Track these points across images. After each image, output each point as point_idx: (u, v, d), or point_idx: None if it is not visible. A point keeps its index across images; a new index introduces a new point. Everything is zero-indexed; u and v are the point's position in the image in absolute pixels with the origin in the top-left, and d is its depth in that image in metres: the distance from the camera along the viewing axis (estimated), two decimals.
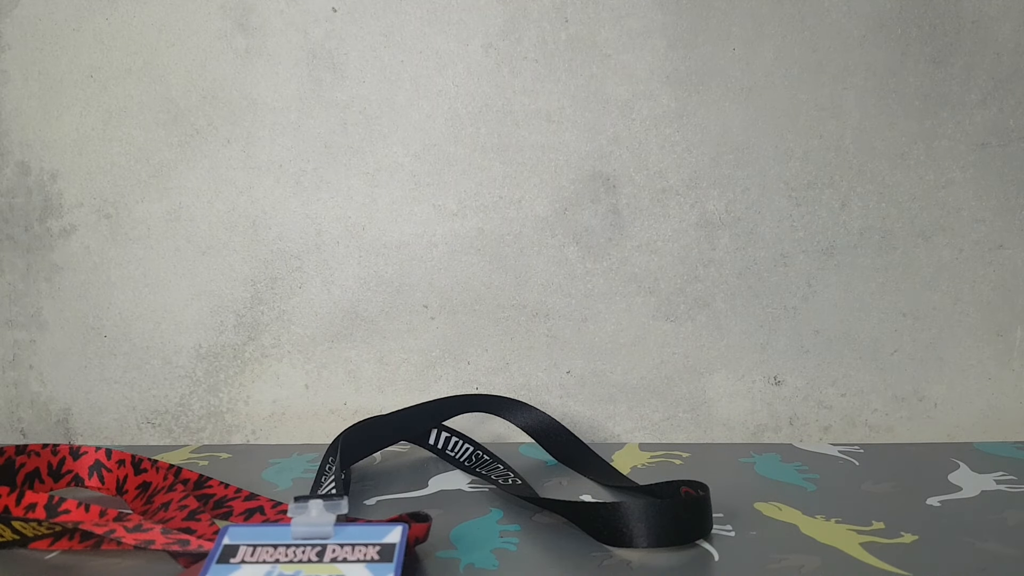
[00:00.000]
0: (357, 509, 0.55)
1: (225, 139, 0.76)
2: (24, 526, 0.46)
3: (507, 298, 0.76)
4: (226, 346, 0.77)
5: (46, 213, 0.77)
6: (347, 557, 0.40)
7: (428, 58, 0.75)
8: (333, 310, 0.76)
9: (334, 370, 0.77)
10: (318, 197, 0.76)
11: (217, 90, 0.75)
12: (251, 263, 0.76)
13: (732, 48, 0.74)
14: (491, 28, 0.74)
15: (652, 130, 0.74)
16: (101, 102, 0.76)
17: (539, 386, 0.76)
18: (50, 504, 0.49)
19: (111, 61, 0.76)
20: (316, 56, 0.75)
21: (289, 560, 0.40)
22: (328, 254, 0.76)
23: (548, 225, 0.75)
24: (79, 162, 0.76)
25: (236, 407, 0.77)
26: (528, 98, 0.74)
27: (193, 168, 0.76)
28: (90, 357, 0.77)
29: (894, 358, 0.75)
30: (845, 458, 0.65)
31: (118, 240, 0.77)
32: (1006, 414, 0.75)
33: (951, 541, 0.48)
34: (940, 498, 0.55)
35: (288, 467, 0.65)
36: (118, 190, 0.76)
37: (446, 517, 0.52)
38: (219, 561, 0.40)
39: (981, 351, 0.75)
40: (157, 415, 0.78)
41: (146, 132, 0.76)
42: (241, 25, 0.75)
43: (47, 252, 0.77)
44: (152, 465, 0.57)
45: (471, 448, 0.66)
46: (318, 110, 0.75)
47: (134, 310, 0.77)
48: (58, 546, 0.48)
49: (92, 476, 0.58)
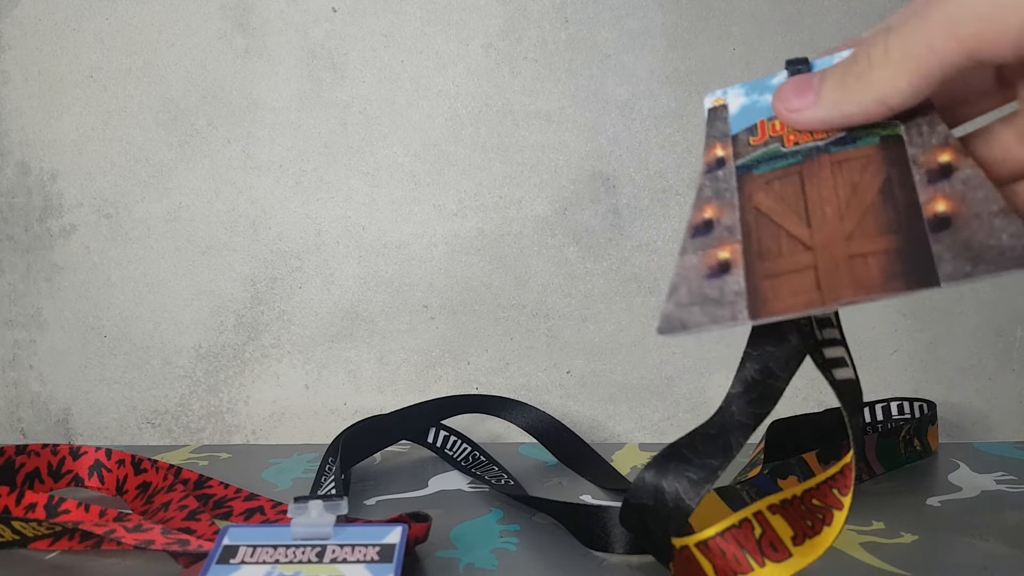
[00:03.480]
0: (357, 509, 0.55)
1: (225, 139, 0.76)
2: (24, 526, 0.46)
3: (507, 298, 0.76)
4: (226, 346, 0.77)
5: (46, 213, 0.77)
6: (347, 558, 0.40)
7: (428, 58, 0.75)
8: (333, 310, 0.76)
9: (334, 370, 0.77)
10: (318, 197, 0.76)
11: (217, 90, 0.75)
12: (251, 263, 0.76)
13: (732, 48, 0.74)
14: (491, 28, 0.74)
15: (652, 130, 0.74)
16: (101, 102, 0.76)
17: (539, 386, 0.76)
18: (50, 504, 0.48)
19: (111, 61, 0.76)
20: (316, 56, 0.75)
21: (289, 561, 0.40)
22: (328, 254, 0.76)
23: (548, 225, 0.75)
24: (79, 162, 0.76)
25: (236, 407, 0.77)
26: (528, 98, 0.74)
27: (193, 168, 0.76)
28: (90, 357, 0.77)
29: (894, 358, 0.75)
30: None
31: (118, 240, 0.77)
32: (1006, 414, 0.75)
33: (951, 541, 0.48)
34: (940, 498, 0.55)
35: (288, 467, 0.65)
36: (118, 190, 0.76)
37: (446, 517, 0.52)
38: (219, 561, 0.40)
39: (981, 351, 0.75)
40: (157, 415, 0.78)
41: (146, 132, 0.76)
42: (241, 25, 0.75)
43: (47, 252, 0.77)
44: (152, 465, 0.57)
45: (468, 448, 0.66)
46: (318, 110, 0.75)
47: (134, 310, 0.77)
48: (58, 546, 0.47)
49: (92, 476, 0.58)
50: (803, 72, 0.34)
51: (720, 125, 0.36)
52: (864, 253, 0.30)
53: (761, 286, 0.31)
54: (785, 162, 0.34)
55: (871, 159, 0.32)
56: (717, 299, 0.31)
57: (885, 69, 0.29)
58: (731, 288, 0.31)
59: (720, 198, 0.34)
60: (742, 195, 0.34)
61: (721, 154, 0.35)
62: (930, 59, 0.28)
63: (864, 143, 0.32)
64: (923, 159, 0.31)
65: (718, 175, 0.35)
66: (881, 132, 0.32)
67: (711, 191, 0.34)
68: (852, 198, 0.31)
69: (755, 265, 0.32)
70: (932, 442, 0.65)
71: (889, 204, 0.31)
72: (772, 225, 0.32)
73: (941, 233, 0.29)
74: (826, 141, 0.33)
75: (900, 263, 0.29)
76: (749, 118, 0.36)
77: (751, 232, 0.33)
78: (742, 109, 0.36)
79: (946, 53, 0.28)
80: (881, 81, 0.29)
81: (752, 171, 0.34)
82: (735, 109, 0.37)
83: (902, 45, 0.28)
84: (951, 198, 0.30)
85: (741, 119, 0.36)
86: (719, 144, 0.36)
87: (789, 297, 0.30)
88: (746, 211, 0.33)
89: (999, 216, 0.29)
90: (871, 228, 0.30)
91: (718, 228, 0.33)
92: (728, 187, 0.34)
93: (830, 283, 0.30)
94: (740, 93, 0.36)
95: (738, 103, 0.37)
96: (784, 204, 0.33)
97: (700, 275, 0.32)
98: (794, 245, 0.31)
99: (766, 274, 0.31)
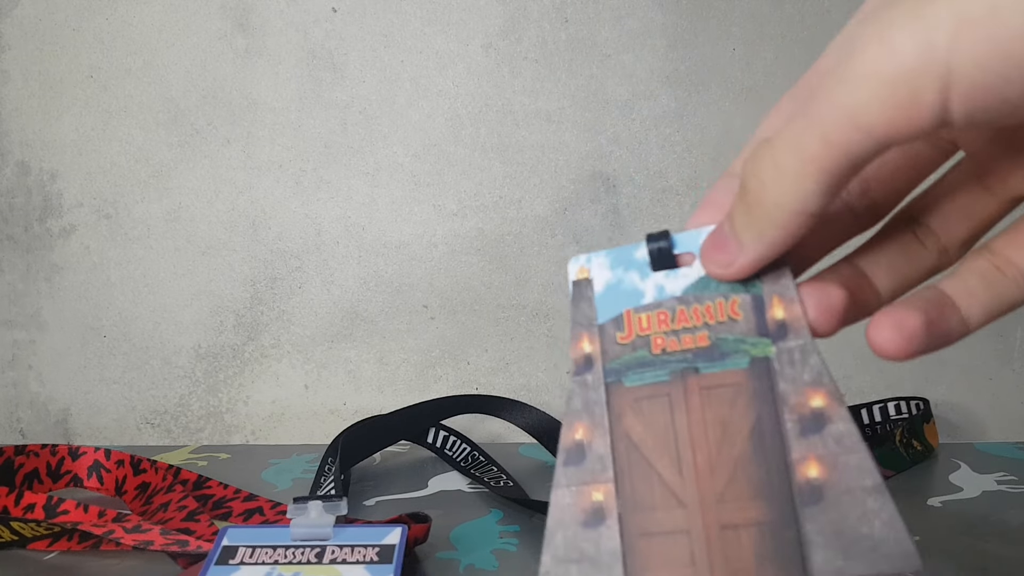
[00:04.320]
0: (356, 510, 0.55)
1: (225, 139, 0.76)
2: (23, 526, 0.46)
3: (507, 298, 0.76)
4: (225, 346, 0.77)
5: (46, 213, 0.77)
6: (346, 558, 0.40)
7: (428, 58, 0.75)
8: (333, 310, 0.76)
9: (334, 370, 0.77)
10: (318, 197, 0.76)
11: (217, 90, 0.75)
12: (251, 263, 0.76)
13: (732, 48, 0.73)
14: (491, 28, 0.74)
15: (652, 130, 0.74)
16: (101, 102, 0.76)
17: (539, 386, 0.76)
18: (49, 504, 0.48)
19: (111, 61, 0.75)
20: (316, 56, 0.75)
21: (288, 561, 0.40)
22: (328, 254, 0.76)
23: (548, 225, 0.75)
24: (79, 162, 0.76)
25: (235, 407, 0.77)
26: (528, 98, 0.74)
27: (193, 168, 0.76)
28: (89, 357, 0.77)
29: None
30: None
31: (118, 240, 0.76)
32: (1007, 414, 0.75)
33: (952, 542, 0.48)
34: (941, 498, 0.55)
35: (287, 468, 0.65)
36: (118, 190, 0.76)
37: (446, 518, 0.52)
38: (218, 562, 0.40)
39: (982, 352, 0.74)
40: (156, 415, 0.78)
41: (146, 132, 0.76)
42: (241, 25, 0.75)
43: (47, 252, 0.77)
44: (151, 465, 0.57)
45: (468, 448, 0.66)
46: (318, 110, 0.75)
47: (134, 310, 0.77)
48: (57, 547, 0.47)
49: (91, 476, 0.58)
50: (664, 246, 0.31)
51: (585, 308, 0.32)
52: (736, 524, 0.27)
53: (637, 546, 0.28)
54: (654, 375, 0.30)
55: (741, 389, 0.29)
56: (594, 558, 0.28)
57: (782, 182, 0.26)
58: (607, 545, 0.28)
59: (591, 414, 0.30)
60: (611, 413, 0.30)
61: (588, 350, 0.31)
62: (832, 152, 0.25)
63: (733, 364, 0.29)
64: (794, 400, 0.28)
65: (587, 380, 0.31)
66: (751, 350, 0.29)
67: (580, 402, 0.30)
68: (723, 443, 0.28)
69: (629, 516, 0.28)
70: (932, 440, 0.65)
71: (759, 457, 0.28)
72: (644, 464, 0.29)
73: (813, 508, 0.26)
74: (694, 353, 0.30)
75: (772, 543, 0.26)
76: (614, 304, 0.32)
77: (624, 470, 0.29)
78: (607, 289, 0.32)
79: (850, 144, 0.24)
80: (785, 195, 0.26)
81: (622, 381, 0.30)
82: (600, 287, 0.32)
83: (792, 151, 0.25)
84: (823, 462, 0.27)
85: (607, 303, 0.32)
86: (586, 336, 0.31)
87: (662, 568, 0.27)
88: (617, 437, 0.30)
89: (872, 495, 0.26)
90: (743, 489, 0.28)
91: (590, 457, 0.29)
92: (598, 399, 0.30)
93: (703, 559, 0.27)
94: (604, 264, 0.32)
95: (603, 279, 0.32)
96: (655, 435, 0.29)
97: (576, 520, 0.29)
98: (667, 496, 0.28)
99: (641, 531, 0.28)
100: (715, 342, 0.30)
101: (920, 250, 0.31)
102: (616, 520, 0.28)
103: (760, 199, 0.27)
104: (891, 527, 0.25)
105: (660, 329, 0.31)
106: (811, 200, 0.26)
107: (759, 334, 0.30)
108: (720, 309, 0.30)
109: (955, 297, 0.29)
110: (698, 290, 0.31)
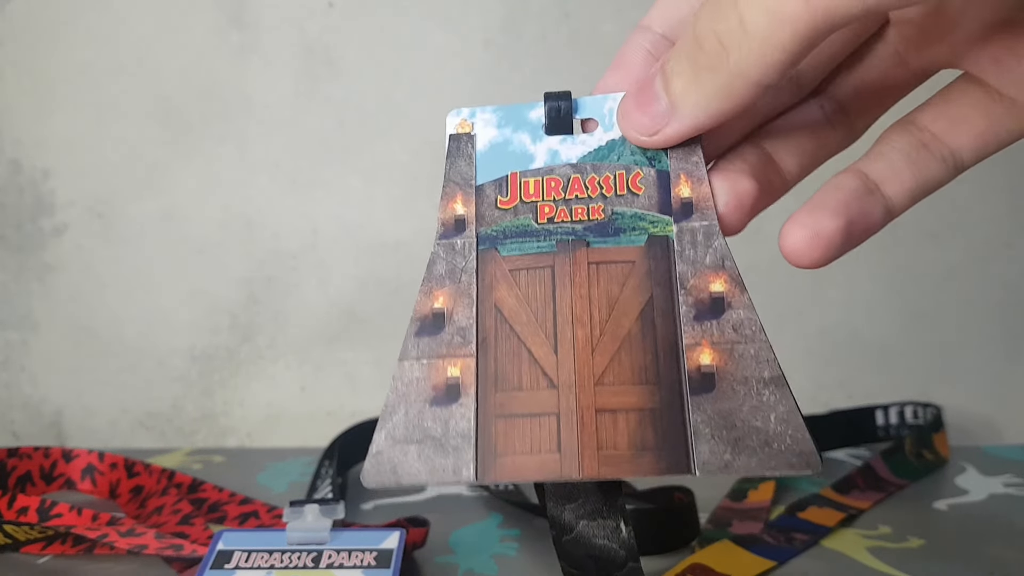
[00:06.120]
0: (354, 514, 0.54)
1: (219, 137, 0.75)
2: (16, 530, 0.46)
3: None
4: (220, 347, 0.76)
5: (38, 212, 0.76)
6: (343, 563, 0.40)
7: (427, 54, 0.74)
8: (330, 311, 0.76)
9: (331, 372, 0.76)
10: (314, 195, 0.75)
11: (211, 87, 0.75)
12: (246, 263, 0.76)
13: None
14: (491, 23, 0.73)
15: None
16: (94, 99, 0.75)
17: None
18: (42, 508, 0.48)
19: (104, 57, 0.75)
20: (312, 52, 0.74)
21: (284, 566, 0.40)
22: (324, 254, 0.75)
23: None
24: (71, 160, 0.75)
25: (231, 409, 0.77)
26: (529, 94, 0.74)
27: (187, 166, 0.75)
28: (82, 359, 0.77)
29: (901, 360, 0.74)
30: (852, 461, 0.65)
31: (111, 239, 0.76)
32: (1015, 417, 0.74)
33: (959, 545, 0.47)
34: (947, 501, 0.55)
35: (284, 471, 0.64)
36: (111, 188, 0.75)
37: (444, 522, 0.52)
38: (213, 567, 0.40)
39: (990, 353, 0.74)
40: (150, 417, 0.77)
41: (139, 130, 0.75)
42: (235, 20, 0.74)
43: (39, 252, 0.76)
44: (145, 468, 0.57)
45: None
46: (314, 107, 0.74)
47: (127, 311, 0.76)
48: (50, 550, 0.47)
49: (84, 479, 0.58)
50: (564, 106, 0.29)
51: (462, 166, 0.29)
52: (613, 408, 0.25)
53: (495, 428, 0.26)
54: (536, 244, 0.28)
55: (635, 268, 0.27)
56: (439, 439, 0.26)
57: (747, 46, 0.23)
58: (458, 426, 0.26)
59: (455, 282, 0.28)
60: (482, 282, 0.28)
61: (461, 212, 0.29)
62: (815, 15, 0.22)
63: (628, 240, 0.27)
64: (692, 283, 0.26)
65: (455, 244, 0.28)
66: (649, 228, 0.27)
67: (445, 268, 0.28)
68: (608, 323, 0.26)
69: (489, 394, 0.26)
70: (942, 450, 0.64)
71: (648, 341, 0.26)
72: (514, 339, 0.27)
73: (702, 397, 0.25)
74: (585, 226, 0.28)
75: (652, 432, 0.25)
76: (498, 166, 0.29)
77: (489, 344, 0.27)
78: (492, 148, 0.29)
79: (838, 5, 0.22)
80: (749, 62, 0.23)
81: (497, 248, 0.28)
82: (483, 144, 0.30)
83: (765, 9, 0.22)
84: (718, 348, 0.25)
85: (489, 164, 0.29)
86: (460, 195, 0.29)
87: (522, 455, 0.25)
88: (485, 309, 0.27)
89: (769, 387, 0.24)
90: (625, 372, 0.26)
91: (449, 328, 0.28)
92: (466, 266, 0.28)
93: (572, 445, 0.25)
94: (491, 121, 0.30)
95: (487, 137, 0.30)
96: (530, 310, 0.27)
97: (423, 396, 0.27)
98: (537, 376, 0.26)
99: (501, 411, 0.26)
100: (611, 216, 0.28)
101: (826, 127, 0.29)
102: (473, 399, 0.26)
103: (716, 63, 0.24)
104: (788, 422, 0.24)
105: (549, 197, 0.28)
106: (773, 71, 0.23)
107: (660, 211, 0.27)
108: (620, 181, 0.28)
109: (878, 180, 0.27)
110: (597, 159, 0.29)
